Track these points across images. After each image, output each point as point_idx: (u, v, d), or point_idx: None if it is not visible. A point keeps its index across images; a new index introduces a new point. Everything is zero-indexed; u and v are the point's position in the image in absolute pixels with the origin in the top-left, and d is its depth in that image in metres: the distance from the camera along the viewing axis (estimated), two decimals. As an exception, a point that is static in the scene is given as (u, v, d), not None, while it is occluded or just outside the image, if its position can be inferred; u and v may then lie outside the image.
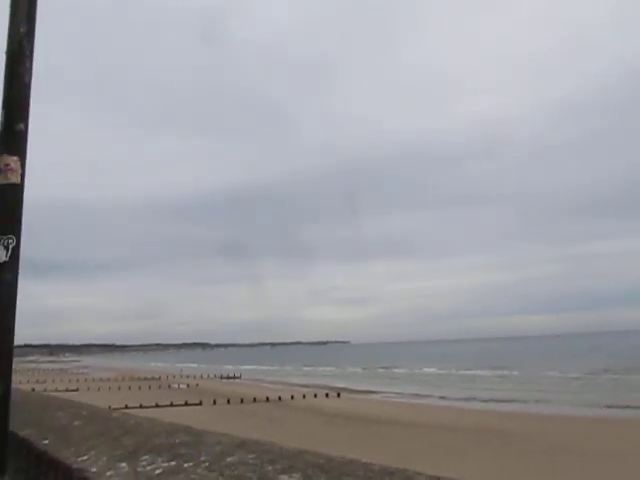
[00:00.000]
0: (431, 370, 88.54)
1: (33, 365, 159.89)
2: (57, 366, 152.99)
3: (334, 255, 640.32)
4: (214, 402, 44.72)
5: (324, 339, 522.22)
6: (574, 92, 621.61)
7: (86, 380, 78.52)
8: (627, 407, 38.28)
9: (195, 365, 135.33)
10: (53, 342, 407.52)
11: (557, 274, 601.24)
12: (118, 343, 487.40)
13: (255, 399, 46.22)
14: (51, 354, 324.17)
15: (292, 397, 48.49)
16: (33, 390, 21.94)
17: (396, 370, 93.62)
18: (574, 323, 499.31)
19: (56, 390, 50.89)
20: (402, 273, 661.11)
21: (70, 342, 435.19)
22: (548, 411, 38.26)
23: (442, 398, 49.08)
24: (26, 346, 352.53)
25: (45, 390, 40.29)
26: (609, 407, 39.13)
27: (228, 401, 45.05)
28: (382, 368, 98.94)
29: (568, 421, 32.55)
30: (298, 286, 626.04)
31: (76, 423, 2.99)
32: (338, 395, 51.78)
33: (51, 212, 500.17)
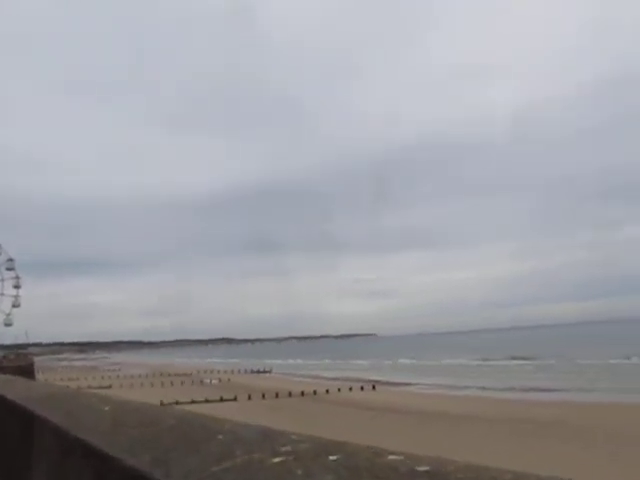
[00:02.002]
0: (463, 361, 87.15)
1: (65, 363, 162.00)
2: (88, 363, 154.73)
3: (358, 248, 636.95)
4: (249, 397, 44.18)
5: (351, 332, 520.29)
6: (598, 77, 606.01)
7: (118, 377, 78.78)
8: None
9: (223, 360, 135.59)
10: (83, 340, 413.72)
11: (586, 260, 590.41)
12: (145, 340, 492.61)
13: (290, 393, 45.62)
14: (81, 352, 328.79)
15: (327, 391, 47.79)
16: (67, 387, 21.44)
17: (427, 362, 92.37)
18: (603, 310, 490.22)
19: (89, 387, 50.90)
20: (427, 264, 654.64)
21: (99, 340, 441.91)
22: (593, 399, 37.12)
23: (482, 389, 47.92)
24: (56, 344, 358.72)
25: (79, 387, 40.13)
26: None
27: (263, 396, 44.46)
28: (413, 360, 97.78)
29: (617, 409, 31.32)
30: (323, 279, 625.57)
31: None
32: (373, 387, 50.91)
33: (84, 210, 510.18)
